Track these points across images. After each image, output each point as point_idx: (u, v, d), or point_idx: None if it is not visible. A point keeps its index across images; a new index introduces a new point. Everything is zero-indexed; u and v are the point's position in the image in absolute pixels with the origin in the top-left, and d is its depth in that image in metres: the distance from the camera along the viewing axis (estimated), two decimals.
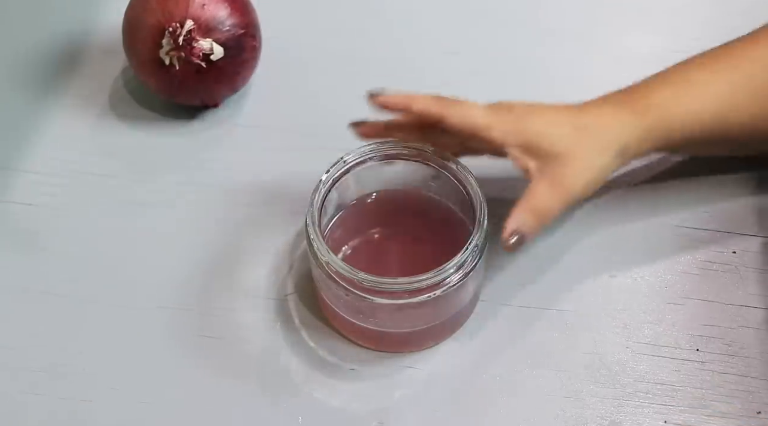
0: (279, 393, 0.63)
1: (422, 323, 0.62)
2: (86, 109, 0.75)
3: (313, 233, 0.60)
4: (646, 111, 0.63)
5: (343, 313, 0.62)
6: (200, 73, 0.70)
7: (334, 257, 0.59)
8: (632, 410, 0.62)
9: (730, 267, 0.66)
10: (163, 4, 0.69)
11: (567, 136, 0.61)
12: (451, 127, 0.61)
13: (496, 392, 0.62)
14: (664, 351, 0.64)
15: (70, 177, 0.71)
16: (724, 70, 0.64)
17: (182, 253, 0.68)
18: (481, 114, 0.61)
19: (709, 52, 0.66)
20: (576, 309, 0.65)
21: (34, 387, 0.63)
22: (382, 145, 0.63)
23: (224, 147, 0.73)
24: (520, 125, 0.61)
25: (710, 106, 0.63)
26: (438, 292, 0.59)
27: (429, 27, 0.79)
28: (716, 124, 0.63)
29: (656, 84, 0.64)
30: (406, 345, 0.64)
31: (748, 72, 0.64)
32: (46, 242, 0.69)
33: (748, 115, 0.64)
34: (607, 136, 0.62)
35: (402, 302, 0.59)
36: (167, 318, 0.65)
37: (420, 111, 0.61)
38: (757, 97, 0.63)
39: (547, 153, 0.61)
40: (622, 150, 0.62)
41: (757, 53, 0.64)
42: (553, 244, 0.67)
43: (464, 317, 0.64)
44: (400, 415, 0.62)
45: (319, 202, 0.61)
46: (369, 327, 0.62)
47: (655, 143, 0.63)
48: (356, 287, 0.59)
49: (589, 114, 0.63)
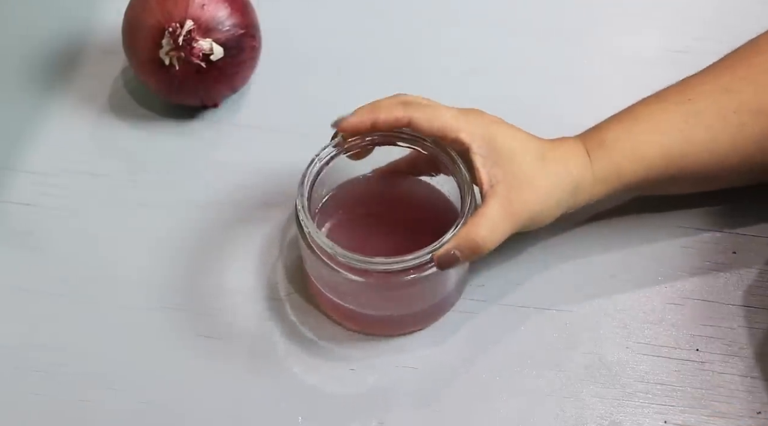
0: (279, 393, 0.63)
1: (399, 308, 0.62)
2: (86, 109, 0.75)
3: (300, 204, 0.60)
4: (597, 149, 0.62)
5: (325, 291, 0.62)
6: (200, 73, 0.70)
7: (317, 230, 0.59)
8: (632, 410, 0.62)
9: (730, 267, 0.66)
10: (163, 4, 0.69)
11: (529, 163, 0.61)
12: (419, 129, 0.61)
13: (496, 392, 0.62)
14: (664, 351, 0.64)
15: (70, 177, 0.71)
16: (675, 106, 0.63)
17: (182, 253, 0.68)
18: (450, 115, 0.61)
19: (663, 90, 0.65)
20: (576, 309, 0.65)
21: (34, 387, 0.63)
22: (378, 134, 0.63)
23: (224, 147, 0.73)
24: (488, 133, 0.61)
25: (659, 139, 0.62)
26: (414, 276, 0.59)
27: (429, 27, 0.79)
28: (672, 161, 0.63)
29: (608, 123, 0.64)
30: (383, 328, 0.64)
31: (699, 107, 0.63)
32: (45, 242, 0.69)
33: (706, 151, 0.63)
34: (563, 171, 0.61)
35: (377, 283, 0.59)
36: (167, 317, 0.65)
37: (387, 122, 0.61)
38: (712, 130, 0.62)
39: (505, 172, 0.60)
40: (574, 189, 0.62)
41: (706, 87, 0.63)
42: (553, 244, 0.67)
43: (446, 306, 0.64)
44: (400, 415, 0.62)
45: (311, 175, 0.61)
46: (348, 306, 0.62)
47: (608, 185, 0.62)
48: (335, 263, 0.59)
49: (554, 149, 0.62)
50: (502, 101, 0.71)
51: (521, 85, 0.75)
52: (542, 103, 0.74)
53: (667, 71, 0.67)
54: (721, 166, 0.64)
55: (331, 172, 0.63)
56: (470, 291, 0.66)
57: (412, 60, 0.77)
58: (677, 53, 0.77)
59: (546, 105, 0.74)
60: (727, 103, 0.63)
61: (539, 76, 0.76)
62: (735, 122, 0.62)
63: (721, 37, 0.68)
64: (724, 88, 0.63)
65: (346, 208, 0.66)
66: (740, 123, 0.62)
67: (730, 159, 0.63)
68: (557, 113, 0.73)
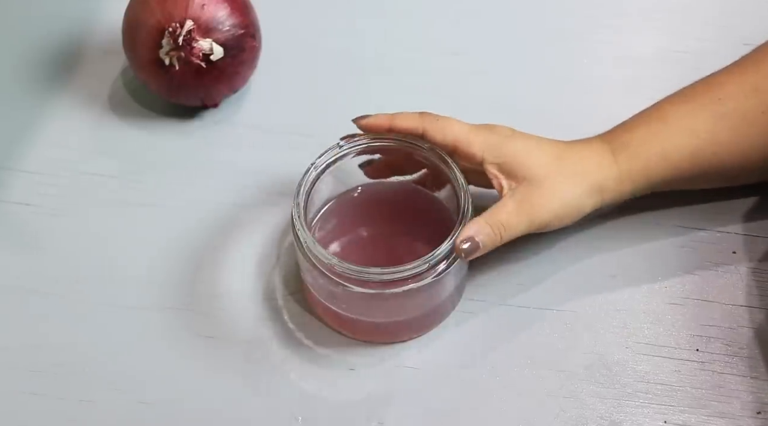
0: (280, 393, 0.63)
1: (396, 316, 0.62)
2: (86, 109, 0.75)
3: (296, 214, 0.60)
4: (623, 150, 0.63)
5: (322, 299, 0.62)
6: (200, 73, 0.70)
7: (313, 241, 0.59)
8: (632, 410, 0.62)
9: (730, 267, 0.66)
10: (163, 4, 0.69)
11: (545, 165, 0.62)
12: (433, 141, 0.63)
13: (496, 392, 0.62)
14: (664, 351, 0.64)
15: (70, 177, 0.71)
16: (701, 107, 0.64)
17: (182, 253, 0.68)
18: (463, 130, 0.63)
19: (689, 88, 0.65)
20: (576, 309, 0.65)
21: (34, 387, 0.63)
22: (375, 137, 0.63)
23: (224, 147, 0.73)
24: (500, 145, 0.62)
25: (688, 142, 0.63)
26: (412, 286, 0.59)
27: (429, 27, 0.79)
28: (699, 161, 0.63)
29: (634, 123, 0.65)
30: (380, 336, 0.64)
31: (728, 107, 0.63)
32: (45, 242, 0.69)
33: (734, 151, 0.63)
34: (584, 171, 0.62)
35: (374, 292, 0.59)
36: (167, 317, 0.65)
37: (403, 129, 0.63)
38: (739, 131, 0.63)
39: (523, 176, 0.61)
40: (599, 188, 0.62)
41: (734, 87, 0.64)
42: (553, 244, 0.67)
43: (443, 315, 0.64)
44: (400, 415, 0.62)
45: (308, 184, 0.62)
46: (346, 314, 0.62)
47: (635, 184, 0.63)
48: (331, 272, 0.59)
49: (572, 149, 0.63)
50: (504, 101, 0.71)
51: (522, 86, 0.75)
52: (544, 103, 0.74)
53: (667, 71, 0.67)
54: (748, 164, 0.64)
55: (328, 180, 0.63)
56: (470, 291, 0.66)
57: (412, 60, 0.77)
58: (677, 53, 0.77)
59: (547, 105, 0.74)
60: (756, 103, 0.63)
61: (540, 76, 0.76)
62: (763, 122, 0.63)
63: (721, 37, 0.68)
64: (752, 88, 0.63)
65: (343, 217, 0.66)
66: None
67: (757, 157, 0.64)
68: (558, 113, 0.73)
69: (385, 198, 0.67)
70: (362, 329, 0.64)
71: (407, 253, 0.59)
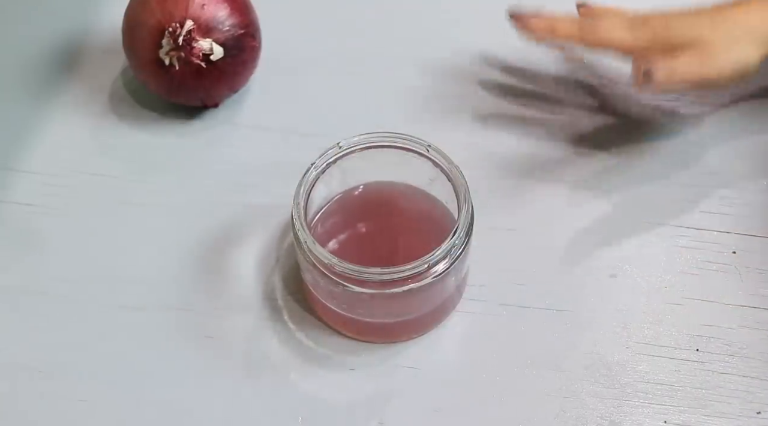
0: (280, 393, 0.63)
1: (397, 316, 0.62)
2: (86, 109, 0.75)
3: (296, 214, 0.60)
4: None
5: (322, 299, 0.62)
6: (200, 74, 0.70)
7: (313, 241, 0.59)
8: (632, 410, 0.62)
9: (730, 267, 0.66)
10: (163, 4, 0.69)
11: (705, 26, 0.63)
12: (591, 48, 0.66)
13: (496, 392, 0.62)
14: (664, 351, 0.64)
15: (70, 177, 0.71)
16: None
17: (182, 253, 0.68)
18: (618, 36, 0.64)
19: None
20: (576, 309, 0.65)
21: (34, 387, 0.63)
22: (375, 137, 0.63)
23: (224, 147, 0.73)
24: (657, 37, 0.63)
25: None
26: (412, 286, 0.59)
27: (429, 27, 0.79)
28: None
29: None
30: (383, 335, 0.64)
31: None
32: (45, 242, 0.69)
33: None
34: (749, 25, 0.63)
35: (373, 292, 0.59)
36: (167, 318, 0.65)
37: (561, 38, 0.66)
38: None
39: (684, 44, 0.62)
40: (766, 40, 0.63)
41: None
42: (554, 243, 0.67)
43: (443, 313, 0.64)
44: (400, 415, 0.62)
45: (307, 184, 0.61)
46: (346, 314, 0.62)
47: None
48: (331, 273, 0.59)
49: (731, 9, 0.64)
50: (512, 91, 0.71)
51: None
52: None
53: None
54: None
55: (328, 180, 0.63)
56: (470, 291, 0.66)
57: (413, 60, 0.77)
58: None
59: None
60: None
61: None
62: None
63: None
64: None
65: (343, 217, 0.66)
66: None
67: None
68: (558, 112, 0.73)
69: (386, 198, 0.67)
70: (362, 329, 0.64)
71: (407, 253, 0.59)
